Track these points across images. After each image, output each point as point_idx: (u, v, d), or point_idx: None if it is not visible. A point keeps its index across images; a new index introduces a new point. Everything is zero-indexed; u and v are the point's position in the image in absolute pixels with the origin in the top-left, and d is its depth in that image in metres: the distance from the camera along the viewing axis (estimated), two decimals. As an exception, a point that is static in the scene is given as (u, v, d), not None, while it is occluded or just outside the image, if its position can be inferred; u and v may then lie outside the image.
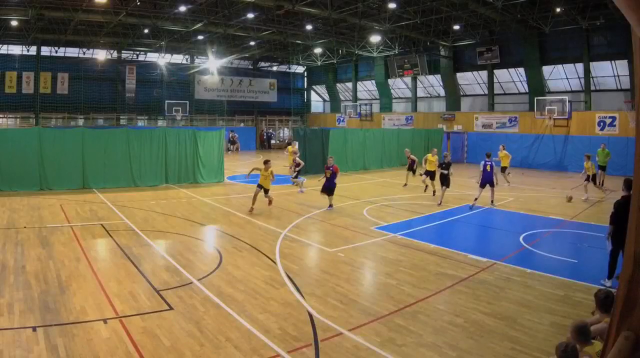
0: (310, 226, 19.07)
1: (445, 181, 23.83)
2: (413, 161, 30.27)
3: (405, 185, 29.82)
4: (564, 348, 6.02)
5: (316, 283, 12.10)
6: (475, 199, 23.09)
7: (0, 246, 14.59)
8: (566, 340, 6.50)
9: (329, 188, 22.21)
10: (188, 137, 29.45)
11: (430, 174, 26.61)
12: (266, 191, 21.20)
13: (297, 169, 27.74)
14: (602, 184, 28.64)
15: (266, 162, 21.18)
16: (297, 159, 28.10)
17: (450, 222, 20.16)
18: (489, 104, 50.35)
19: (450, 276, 12.71)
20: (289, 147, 33.28)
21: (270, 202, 21.51)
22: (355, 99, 66.04)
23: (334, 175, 22.31)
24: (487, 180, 22.97)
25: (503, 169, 30.64)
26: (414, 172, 30.36)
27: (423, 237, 16.94)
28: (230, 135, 59.54)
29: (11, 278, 11.66)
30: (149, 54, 59.55)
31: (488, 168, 22.86)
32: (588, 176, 25.47)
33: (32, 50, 53.39)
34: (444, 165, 24.23)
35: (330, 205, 22.18)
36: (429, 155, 27.28)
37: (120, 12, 39.42)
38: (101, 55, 56.31)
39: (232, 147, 58.53)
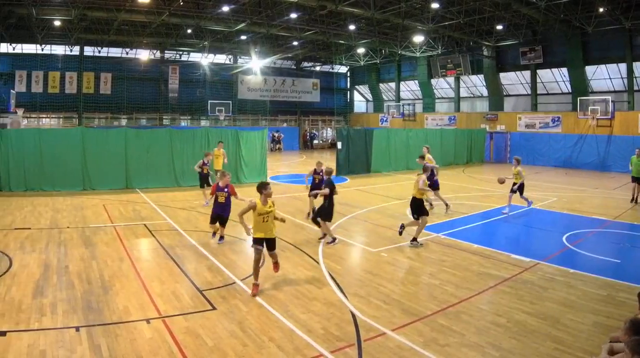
0: (353, 226, 19.02)
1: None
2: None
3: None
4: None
5: (359, 283, 12.08)
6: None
7: (43, 246, 14.79)
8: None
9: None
10: (231, 137, 29.52)
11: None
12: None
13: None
14: (637, 201, 24.50)
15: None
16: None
17: (493, 222, 20.12)
18: (532, 104, 49.93)
19: (493, 276, 12.71)
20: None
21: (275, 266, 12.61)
22: (398, 98, 65.76)
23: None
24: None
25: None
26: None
27: (466, 237, 16.90)
28: (276, 135, 60.49)
29: (54, 278, 11.78)
30: (192, 54, 60.07)
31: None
32: (514, 184, 21.72)
33: (75, 50, 54.28)
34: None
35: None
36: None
37: (163, 12, 39.90)
38: (144, 55, 57.16)
39: (276, 146, 59.40)
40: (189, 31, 49.26)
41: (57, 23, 43.50)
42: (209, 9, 41.39)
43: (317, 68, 71.78)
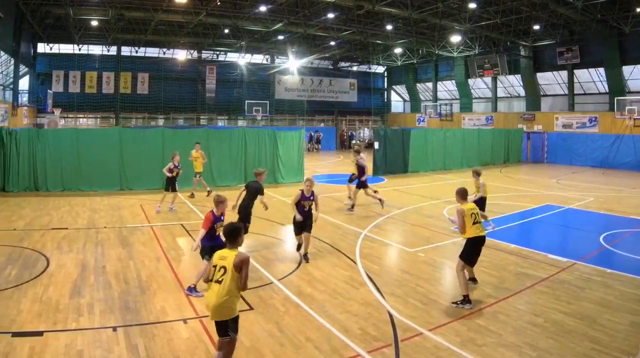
0: (390, 226, 19.01)
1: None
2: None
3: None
4: None
5: (396, 283, 12.06)
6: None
7: (80, 246, 14.94)
8: None
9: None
10: (268, 137, 29.60)
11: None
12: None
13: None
14: None
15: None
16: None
17: (530, 222, 20.15)
18: (569, 104, 49.82)
19: (530, 276, 12.73)
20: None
21: None
22: (435, 98, 65.60)
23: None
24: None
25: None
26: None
27: (503, 237, 16.85)
28: (316, 135, 61.00)
29: (92, 278, 11.90)
30: (229, 54, 60.45)
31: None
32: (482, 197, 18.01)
33: (112, 50, 55.09)
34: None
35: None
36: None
37: (201, 12, 40.21)
38: (181, 55, 57.66)
39: (314, 146, 59.78)
40: (226, 31, 49.75)
41: (94, 23, 44.24)
42: (246, 9, 41.70)
43: (355, 68, 71.91)
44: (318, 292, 11.36)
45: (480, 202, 17.50)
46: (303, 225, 13.90)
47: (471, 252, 11.04)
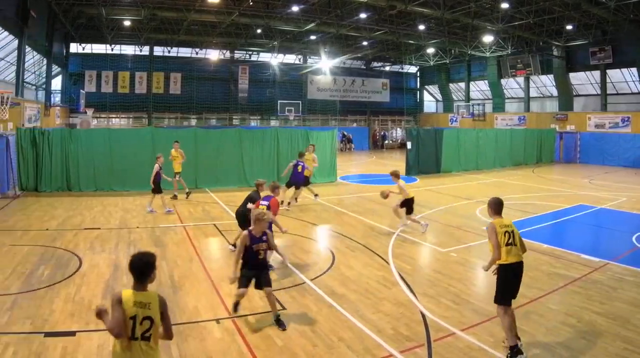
0: None
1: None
2: None
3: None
4: None
5: (429, 283, 12.00)
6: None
7: (113, 246, 15.04)
8: None
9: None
10: (300, 137, 29.56)
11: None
12: None
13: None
14: None
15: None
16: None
17: (563, 222, 20.06)
18: (601, 104, 49.47)
19: (562, 276, 12.67)
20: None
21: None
22: (467, 98, 65.42)
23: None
24: (294, 180, 22.07)
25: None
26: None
27: (536, 237, 16.68)
28: (347, 135, 60.84)
29: (124, 278, 11.91)
30: (261, 54, 60.71)
31: (299, 168, 22.06)
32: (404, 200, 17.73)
33: (145, 50, 55.69)
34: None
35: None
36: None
37: (233, 12, 40.46)
38: (214, 55, 57.98)
39: (346, 146, 59.80)
40: (259, 31, 49.97)
41: (126, 23, 44.67)
42: (279, 9, 41.95)
43: (387, 68, 71.87)
44: (351, 292, 11.31)
45: (404, 204, 17.62)
46: (258, 279, 9.69)
47: (506, 284, 8.46)
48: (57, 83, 48.90)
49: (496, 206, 8.92)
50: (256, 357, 8.19)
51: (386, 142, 68.48)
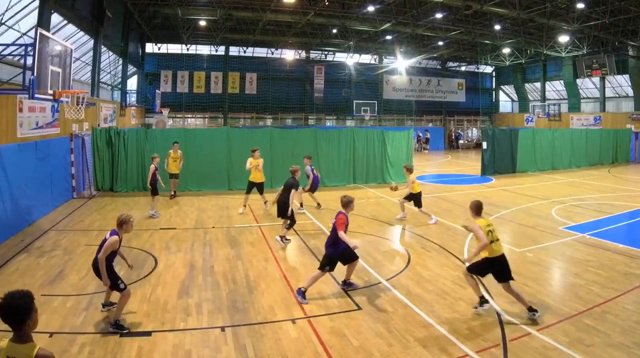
0: (499, 226, 18.27)
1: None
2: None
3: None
4: None
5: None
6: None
7: (189, 246, 15.31)
8: None
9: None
10: (376, 137, 29.35)
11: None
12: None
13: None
14: None
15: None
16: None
17: (639, 222, 19.54)
18: (678, 103, 48.13)
19: (638, 276, 12.51)
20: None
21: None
22: (543, 98, 64.16)
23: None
24: (315, 185, 21.74)
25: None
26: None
27: (612, 237, 16.59)
28: (425, 135, 60.81)
29: (200, 278, 12.16)
30: (337, 54, 60.63)
31: (316, 171, 21.99)
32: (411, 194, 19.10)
33: (220, 50, 56.17)
34: None
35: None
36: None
37: (309, 12, 40.61)
38: (289, 55, 58.21)
39: (422, 146, 59.68)
40: (334, 31, 49.98)
41: (202, 23, 45.19)
42: (354, 9, 41.91)
43: (463, 68, 71.15)
44: (426, 292, 11.32)
45: (413, 198, 19.03)
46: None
47: (482, 270, 10.16)
48: (132, 83, 50.06)
49: (477, 208, 10.54)
50: (332, 357, 8.24)
51: (460, 142, 67.70)
